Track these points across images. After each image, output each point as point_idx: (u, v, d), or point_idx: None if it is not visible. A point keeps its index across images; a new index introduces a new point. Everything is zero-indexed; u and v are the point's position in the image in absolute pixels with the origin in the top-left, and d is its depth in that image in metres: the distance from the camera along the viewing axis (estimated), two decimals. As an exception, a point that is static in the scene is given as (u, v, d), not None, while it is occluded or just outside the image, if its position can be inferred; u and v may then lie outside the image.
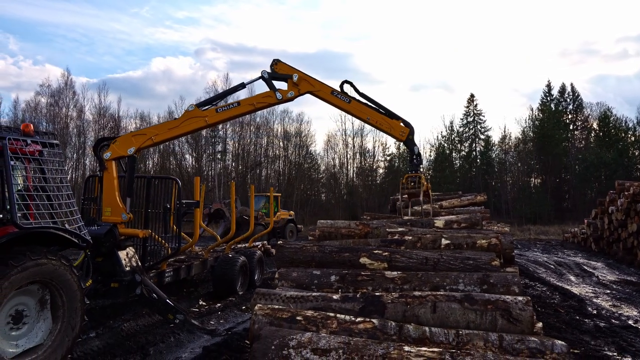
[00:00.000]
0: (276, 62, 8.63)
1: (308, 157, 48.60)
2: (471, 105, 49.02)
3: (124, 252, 7.52)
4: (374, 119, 8.57)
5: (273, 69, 8.59)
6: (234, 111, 8.44)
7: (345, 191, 47.20)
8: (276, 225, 21.18)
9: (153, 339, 6.95)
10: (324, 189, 49.83)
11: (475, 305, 4.19)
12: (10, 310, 5.04)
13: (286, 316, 4.17)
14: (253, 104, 8.47)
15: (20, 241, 5.13)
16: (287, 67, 8.62)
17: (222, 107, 8.28)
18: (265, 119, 47.43)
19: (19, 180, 5.45)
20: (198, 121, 8.17)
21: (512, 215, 40.98)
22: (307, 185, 47.92)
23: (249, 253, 11.21)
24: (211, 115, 8.20)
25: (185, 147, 46.78)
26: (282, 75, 8.54)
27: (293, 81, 8.46)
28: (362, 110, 8.59)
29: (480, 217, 7.37)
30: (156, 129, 8.23)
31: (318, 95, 8.64)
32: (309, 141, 48.82)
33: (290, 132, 47.90)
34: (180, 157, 46.88)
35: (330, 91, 8.58)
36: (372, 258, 5.44)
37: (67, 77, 45.39)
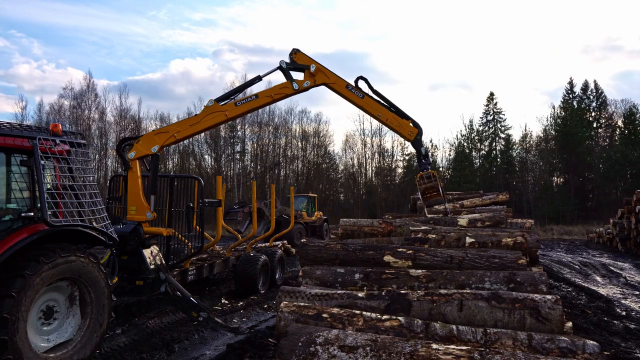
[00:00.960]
0: (295, 51, 8.73)
1: (326, 157, 48.62)
2: (491, 103, 48.44)
3: (149, 250, 7.62)
4: (384, 117, 8.69)
5: (292, 58, 8.69)
6: (253, 104, 8.51)
7: (364, 191, 47.09)
8: (315, 224, 22.57)
9: (178, 336, 7.03)
10: (343, 189, 49.78)
11: (502, 303, 4.14)
12: (41, 306, 5.17)
13: (312, 313, 4.17)
14: (271, 96, 8.53)
15: (50, 239, 5.25)
16: (305, 57, 8.72)
17: (241, 101, 8.37)
18: (283, 119, 47.65)
19: (48, 179, 5.55)
20: (218, 116, 8.27)
21: (534, 215, 40.33)
22: (326, 186, 47.92)
23: (270, 252, 11.26)
24: (230, 109, 8.29)
25: (204, 147, 47.27)
26: (300, 65, 8.63)
27: (310, 72, 8.57)
28: (374, 107, 8.71)
29: (504, 215, 7.28)
30: (178, 126, 8.31)
31: (333, 87, 8.73)
32: (327, 141, 48.88)
33: (308, 132, 48.02)
34: (200, 158, 47.35)
35: (345, 85, 8.69)
36: (396, 256, 5.41)
37: (89, 80, 46.30)
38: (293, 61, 8.70)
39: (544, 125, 47.89)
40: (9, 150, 5.14)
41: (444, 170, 47.84)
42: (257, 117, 46.81)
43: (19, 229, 5.10)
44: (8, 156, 5.19)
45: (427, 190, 8.74)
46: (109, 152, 44.88)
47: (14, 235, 4.98)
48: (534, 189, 45.66)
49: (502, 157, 47.26)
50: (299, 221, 21.68)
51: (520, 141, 48.02)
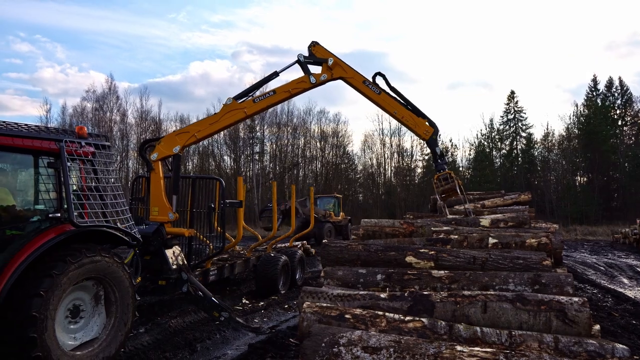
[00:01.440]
0: (314, 44, 8.72)
1: (345, 157, 48.57)
2: (511, 102, 47.81)
3: (171, 250, 7.70)
4: (400, 114, 8.65)
5: (310, 51, 8.68)
6: (271, 99, 8.50)
7: (383, 191, 46.91)
8: (341, 224, 23.27)
9: (200, 336, 7.10)
10: (362, 189, 49.66)
11: (527, 305, 4.08)
12: (68, 305, 5.28)
13: (335, 314, 4.17)
14: (288, 91, 8.52)
15: (76, 239, 5.36)
16: (324, 50, 8.69)
17: (259, 97, 8.37)
18: (302, 119, 47.76)
19: (74, 181, 5.66)
20: (237, 113, 8.29)
21: (556, 215, 39.69)
22: (345, 186, 47.86)
23: (290, 252, 11.30)
24: (249, 106, 8.32)
25: (223, 148, 47.65)
26: (318, 58, 8.61)
27: (328, 65, 8.54)
28: (390, 104, 8.65)
29: (527, 216, 7.17)
30: (198, 126, 8.36)
31: (350, 82, 8.68)
32: (346, 141, 48.82)
33: (327, 133, 48.04)
34: (219, 159, 47.75)
35: (362, 80, 8.64)
36: (418, 257, 5.37)
37: (110, 82, 47.08)
38: (311, 54, 8.68)
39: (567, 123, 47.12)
40: (37, 153, 5.26)
41: (463, 170, 47.40)
42: (275, 117, 47.06)
43: (47, 230, 5.21)
44: (36, 158, 5.31)
45: (445, 192, 8.65)
46: (130, 154, 45.57)
47: (42, 236, 5.09)
48: (556, 188, 44.91)
49: (524, 156, 46.62)
50: (328, 220, 22.52)
51: (542, 140, 47.34)
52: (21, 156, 5.25)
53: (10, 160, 5.33)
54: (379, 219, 20.43)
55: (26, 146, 5.10)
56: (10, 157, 5.27)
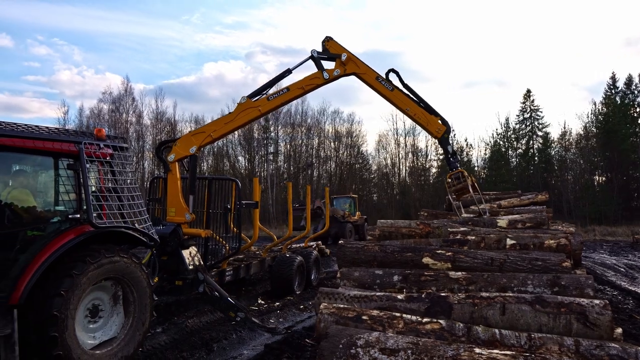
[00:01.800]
0: (328, 39, 8.73)
1: (359, 157, 48.49)
2: (527, 101, 47.24)
3: (187, 251, 7.76)
4: (412, 111, 8.63)
5: (324, 46, 8.69)
6: (285, 97, 8.50)
7: (397, 191, 46.72)
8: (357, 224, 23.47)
9: (216, 336, 7.14)
10: (376, 189, 49.51)
11: (547, 307, 4.03)
12: (88, 305, 5.35)
13: (352, 315, 4.16)
14: (302, 87, 8.51)
15: (95, 239, 5.43)
16: (337, 46, 8.70)
17: (273, 95, 8.38)
18: (316, 119, 47.77)
19: (93, 182, 5.73)
20: (252, 112, 8.31)
21: (574, 215, 39.14)
22: (359, 186, 47.77)
23: (306, 253, 11.31)
24: (263, 104, 8.34)
25: (238, 149, 47.87)
26: (332, 54, 8.62)
27: (341, 60, 8.55)
28: (403, 101, 8.63)
29: (546, 217, 7.08)
30: (213, 125, 8.40)
31: (363, 78, 8.67)
32: (360, 141, 48.73)
33: (341, 133, 47.99)
34: (234, 159, 47.98)
35: (375, 76, 8.63)
36: (435, 258, 5.34)
37: (126, 84, 47.66)
38: (325, 49, 8.70)
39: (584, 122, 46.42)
40: (57, 155, 5.33)
41: (479, 169, 46.97)
42: (289, 118, 47.18)
43: (66, 231, 5.28)
44: (56, 160, 5.38)
45: (457, 191, 8.56)
46: (146, 154, 46.06)
47: (62, 237, 5.17)
48: (574, 188, 44.26)
49: (540, 155, 46.05)
50: (348, 220, 22.83)
51: (559, 139, 46.69)
52: (42, 158, 5.33)
53: (31, 162, 5.42)
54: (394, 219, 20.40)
55: (46, 148, 5.18)
56: (31, 159, 5.35)
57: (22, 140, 4.93)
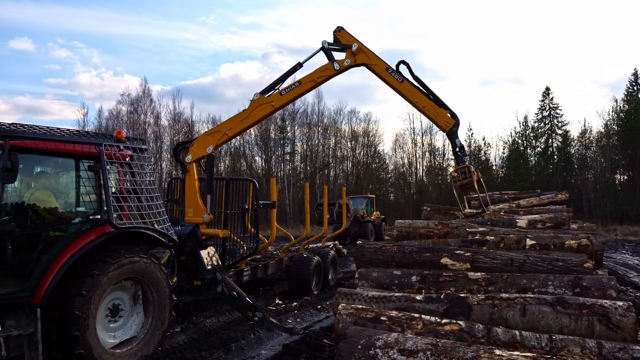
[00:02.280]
0: (340, 29, 8.76)
1: (376, 156, 48.33)
2: (546, 99, 46.52)
3: (206, 251, 7.83)
4: (421, 104, 8.59)
5: (336, 36, 8.71)
6: (297, 90, 8.52)
7: (414, 190, 46.45)
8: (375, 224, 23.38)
9: (234, 336, 7.18)
10: (393, 189, 49.30)
11: (569, 309, 3.97)
12: (108, 304, 5.44)
13: (370, 316, 4.16)
14: (314, 80, 8.54)
15: (115, 240, 5.50)
16: (349, 36, 8.70)
17: (285, 89, 8.40)
18: (332, 119, 47.73)
19: (113, 183, 5.81)
20: (266, 107, 8.36)
21: (595, 215, 38.45)
22: (376, 185, 47.61)
23: (323, 253, 11.31)
24: (276, 99, 8.37)
25: (255, 149, 48.09)
26: (343, 44, 8.64)
27: (352, 51, 8.56)
28: (412, 93, 8.59)
29: (566, 217, 6.97)
30: (229, 124, 8.43)
31: (373, 69, 8.68)
32: (377, 141, 48.55)
33: (357, 132, 47.87)
34: (251, 159, 48.21)
35: (385, 67, 8.62)
36: (453, 258, 5.30)
37: (144, 86, 48.15)
38: (336, 40, 8.71)
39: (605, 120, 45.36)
40: (78, 157, 5.42)
41: (497, 168, 46.44)
42: (306, 118, 47.23)
43: (87, 231, 5.36)
44: (77, 162, 5.47)
45: (463, 187, 8.45)
46: (164, 155, 46.54)
47: (83, 237, 5.25)
48: (594, 187, 43.47)
49: (560, 154, 45.32)
50: (367, 220, 22.89)
51: (578, 137, 45.86)
52: (63, 160, 5.43)
53: (53, 164, 5.52)
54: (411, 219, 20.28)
55: (68, 150, 5.27)
56: (53, 161, 5.45)
57: (44, 142, 5.02)
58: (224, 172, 46.07)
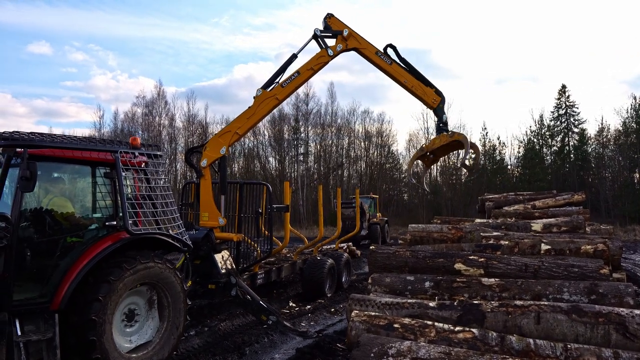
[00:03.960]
0: (330, 15, 9.01)
1: (390, 156, 48.16)
2: (563, 97, 45.88)
3: (220, 255, 7.88)
4: (410, 83, 9.13)
5: (326, 22, 9.01)
6: (297, 80, 8.75)
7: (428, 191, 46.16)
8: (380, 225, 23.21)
9: (248, 339, 7.23)
10: (407, 189, 49.07)
11: (584, 317, 3.93)
12: (124, 309, 5.52)
13: (383, 323, 4.15)
14: (311, 68, 8.80)
15: (130, 245, 5.58)
16: (339, 22, 9.01)
17: (286, 81, 8.62)
18: (346, 120, 47.68)
19: (128, 189, 5.89)
20: (270, 101, 8.55)
21: (612, 215, 37.86)
22: (390, 185, 47.45)
23: (336, 255, 11.32)
24: (279, 92, 8.59)
25: (268, 150, 48.24)
26: (334, 30, 8.91)
27: (343, 36, 8.91)
28: (401, 74, 9.14)
29: (582, 220, 6.88)
30: (237, 122, 8.51)
31: (363, 53, 9.06)
32: (391, 141, 48.38)
33: (371, 133, 47.75)
34: (264, 160, 48.36)
35: (375, 51, 9.08)
36: (467, 264, 5.27)
37: (159, 88, 48.67)
38: (327, 26, 8.97)
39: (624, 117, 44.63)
40: (94, 164, 5.51)
41: (512, 168, 45.93)
42: (319, 118, 47.23)
43: (104, 237, 5.45)
44: (93, 169, 5.56)
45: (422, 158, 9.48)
46: (178, 157, 46.92)
47: (100, 243, 5.34)
48: (612, 186, 42.80)
49: (576, 153, 44.69)
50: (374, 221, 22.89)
51: (596, 136, 45.15)
52: (80, 167, 5.52)
53: (70, 171, 5.61)
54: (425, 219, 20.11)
55: (84, 158, 5.37)
56: (70, 168, 5.55)
57: (61, 150, 5.11)
58: (238, 173, 46.32)
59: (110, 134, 48.83)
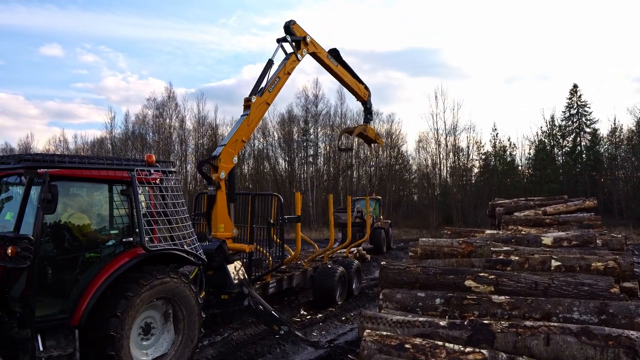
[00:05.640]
0: (293, 22, 9.71)
1: (399, 157, 48.09)
2: (574, 96, 45.50)
3: (232, 265, 8.01)
4: (349, 80, 11.18)
5: (291, 28, 9.64)
6: (280, 85, 9.49)
7: (438, 191, 46.06)
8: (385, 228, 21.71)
9: (261, 350, 7.34)
10: (416, 190, 48.99)
11: (594, 340, 3.98)
12: (141, 323, 5.66)
13: (394, 343, 4.24)
14: (288, 72, 9.65)
15: (146, 260, 5.72)
16: (300, 29, 9.84)
17: (271, 86, 9.20)
18: (355, 121, 47.64)
19: (144, 206, 6.02)
20: (263, 106, 9.16)
21: (625, 217, 37.52)
22: (399, 187, 47.41)
23: (347, 263, 11.41)
24: (268, 96, 9.18)
25: (278, 151, 48.40)
26: (298, 37, 9.73)
27: (305, 42, 9.84)
28: (343, 73, 11.01)
29: (593, 235, 6.88)
30: (241, 131, 8.76)
31: (318, 56, 10.31)
32: (400, 142, 48.31)
33: (381, 134, 47.70)
34: (274, 161, 48.52)
35: (327, 55, 10.51)
36: (477, 281, 5.33)
37: (169, 90, 48.92)
38: (292, 32, 9.65)
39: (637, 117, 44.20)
40: (111, 182, 5.66)
41: (523, 169, 45.64)
42: (329, 119, 47.31)
43: (121, 253, 5.59)
44: (110, 187, 5.71)
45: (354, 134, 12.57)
46: (188, 158, 47.27)
47: (117, 259, 5.49)
48: (625, 187, 42.39)
49: (588, 153, 44.32)
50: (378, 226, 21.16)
51: (608, 135, 44.73)
52: (98, 185, 5.67)
53: (88, 190, 5.75)
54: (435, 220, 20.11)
55: (102, 176, 5.51)
56: (89, 187, 5.69)
57: (80, 170, 5.26)
58: (247, 174, 46.54)
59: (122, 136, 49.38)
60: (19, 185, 5.29)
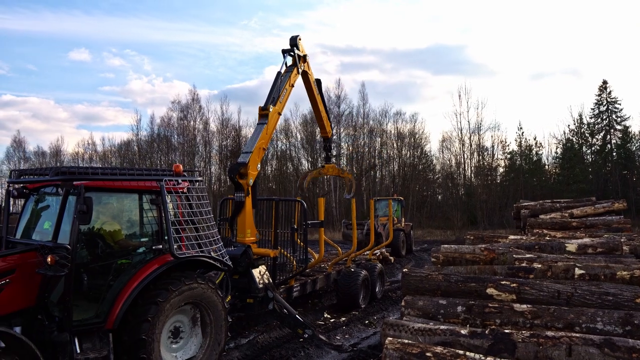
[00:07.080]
0: (299, 38, 10.27)
1: (423, 157, 47.77)
2: (604, 93, 44.35)
3: (257, 270, 8.19)
4: (323, 112, 11.56)
5: (297, 42, 10.19)
6: (287, 96, 9.99)
7: (462, 191, 45.59)
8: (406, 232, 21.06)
9: (285, 354, 7.49)
10: (440, 190, 48.58)
11: (617, 352, 3.99)
12: (170, 327, 5.88)
13: (416, 352, 4.32)
14: (292, 84, 10.14)
15: (174, 267, 5.94)
16: (303, 47, 10.40)
17: (280, 97, 9.65)
18: (378, 121, 47.60)
19: (172, 214, 6.23)
20: (277, 117, 9.61)
21: (657, 217, 36.51)
22: (423, 187, 47.09)
23: (370, 266, 11.49)
24: (279, 107, 9.62)
25: (301, 152, 48.65)
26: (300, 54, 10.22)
27: (305, 59, 10.43)
28: (321, 103, 11.40)
29: (619, 242, 6.81)
30: (262, 139, 9.00)
31: (308, 78, 10.75)
32: (424, 142, 47.98)
33: (404, 133, 47.48)
34: (297, 162, 48.79)
35: (314, 80, 10.99)
36: (499, 289, 5.36)
37: (194, 92, 49.64)
38: (297, 46, 10.17)
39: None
40: (142, 192, 5.89)
41: (549, 167, 44.80)
42: (351, 120, 47.32)
43: (151, 260, 5.82)
44: (140, 196, 5.94)
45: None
46: (212, 160, 47.90)
47: (148, 266, 5.71)
48: (657, 186, 41.21)
49: (619, 151, 43.20)
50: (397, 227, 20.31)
51: (640, 133, 43.54)
52: (129, 195, 5.91)
53: (120, 199, 5.99)
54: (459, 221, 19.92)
55: (132, 187, 5.76)
56: (120, 197, 5.93)
57: (112, 182, 5.51)
58: (271, 175, 46.87)
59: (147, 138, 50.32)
60: (55, 196, 5.55)
